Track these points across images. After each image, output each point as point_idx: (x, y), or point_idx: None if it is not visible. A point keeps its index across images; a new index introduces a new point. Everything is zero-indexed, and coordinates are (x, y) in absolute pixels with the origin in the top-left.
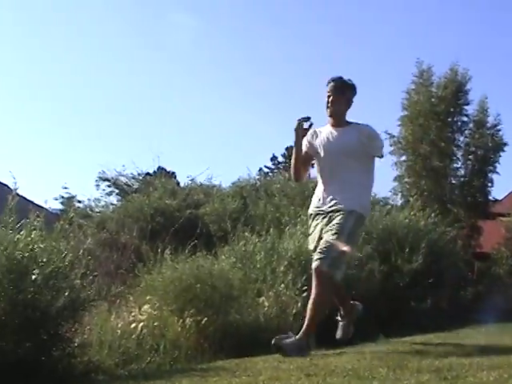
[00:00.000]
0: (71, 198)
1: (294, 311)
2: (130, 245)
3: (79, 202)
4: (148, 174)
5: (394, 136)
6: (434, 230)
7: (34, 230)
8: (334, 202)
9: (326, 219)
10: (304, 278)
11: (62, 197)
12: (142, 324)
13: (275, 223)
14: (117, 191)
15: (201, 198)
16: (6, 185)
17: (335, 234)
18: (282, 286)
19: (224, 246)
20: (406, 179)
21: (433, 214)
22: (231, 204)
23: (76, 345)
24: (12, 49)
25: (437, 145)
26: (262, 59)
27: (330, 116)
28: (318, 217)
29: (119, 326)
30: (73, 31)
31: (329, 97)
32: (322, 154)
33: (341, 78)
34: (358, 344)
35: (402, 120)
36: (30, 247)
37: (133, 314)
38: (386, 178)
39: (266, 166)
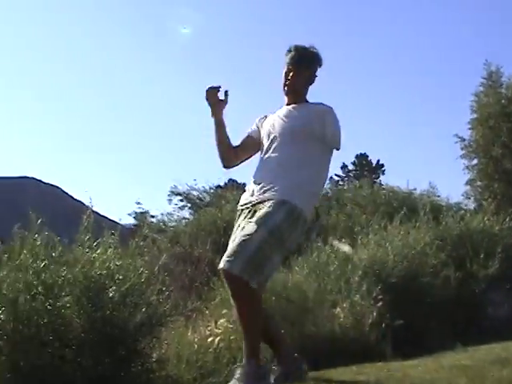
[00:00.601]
0: (144, 213)
1: (369, 321)
2: (203, 258)
3: (152, 216)
4: (219, 186)
5: (464, 139)
6: (510, 235)
7: (110, 247)
8: (264, 189)
9: (250, 213)
10: (379, 287)
11: (136, 212)
12: (218, 338)
13: (347, 232)
14: (189, 205)
15: None
16: (80, 201)
17: (253, 227)
18: (357, 296)
19: (297, 257)
20: (478, 183)
21: (507, 218)
22: None
23: (154, 360)
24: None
25: (508, 147)
26: None
27: (287, 94)
28: (244, 211)
29: (196, 340)
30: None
31: (288, 70)
32: (265, 137)
33: (304, 47)
34: (435, 353)
35: (472, 123)
36: (107, 265)
37: (209, 328)
38: (457, 182)
39: (336, 175)
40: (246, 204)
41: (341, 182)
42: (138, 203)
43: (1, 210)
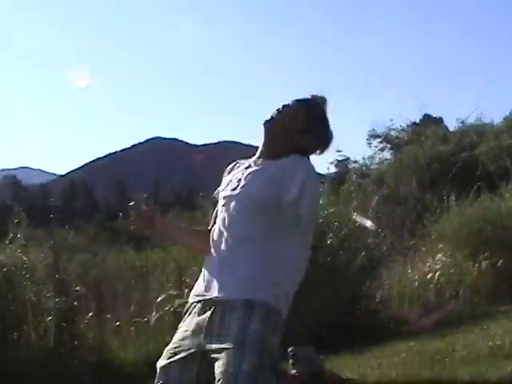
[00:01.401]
0: (346, 160)
1: None
2: (410, 197)
3: (354, 162)
4: (414, 123)
5: None
6: None
7: (321, 196)
8: (221, 285)
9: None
10: None
11: (338, 160)
12: (438, 273)
13: None
14: (389, 146)
15: (474, 139)
16: None
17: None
18: None
19: (506, 184)
20: None
21: None
22: (507, 139)
23: (378, 301)
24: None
25: None
26: None
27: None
28: (198, 310)
29: (416, 277)
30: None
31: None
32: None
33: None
34: None
35: None
36: (322, 213)
37: (428, 264)
38: None
39: None
40: (198, 298)
41: None
42: (339, 151)
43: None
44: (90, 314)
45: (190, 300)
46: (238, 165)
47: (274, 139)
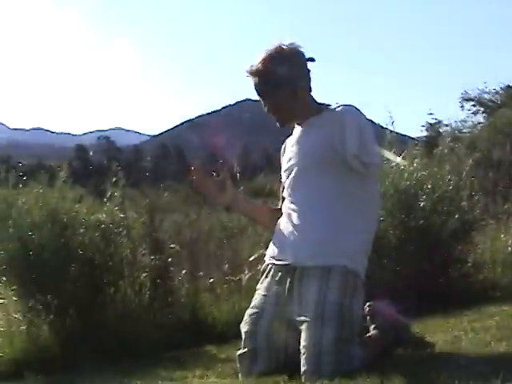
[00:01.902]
0: (437, 124)
1: None
2: (504, 161)
3: (446, 125)
4: (509, 86)
5: None
6: None
7: (415, 158)
8: (294, 248)
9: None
10: None
11: (429, 123)
12: None
13: None
14: (482, 109)
15: None
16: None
17: (315, 328)
18: None
19: None
20: None
21: None
22: None
23: (470, 265)
24: None
25: None
26: None
27: (283, 127)
28: (275, 274)
29: (509, 242)
30: None
31: (268, 105)
32: (283, 174)
33: (264, 61)
34: None
35: None
36: (415, 176)
37: None
38: None
39: None
40: (276, 261)
41: None
42: (431, 114)
43: None
44: (184, 272)
45: (266, 261)
46: (288, 143)
47: (294, 115)
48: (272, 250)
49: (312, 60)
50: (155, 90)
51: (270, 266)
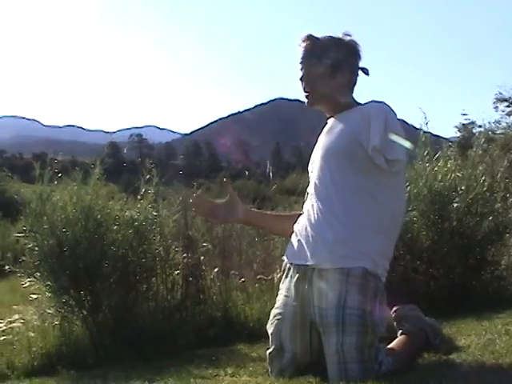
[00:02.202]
0: (470, 124)
1: None
2: None
3: (479, 126)
4: None
5: None
6: None
7: (450, 159)
8: (312, 248)
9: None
10: None
11: (463, 124)
12: None
13: None
14: None
15: None
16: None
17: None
18: None
19: None
20: None
21: None
22: None
23: (503, 267)
24: None
25: None
26: None
27: (313, 105)
28: (294, 275)
29: None
30: None
31: (304, 73)
32: (309, 168)
33: (324, 36)
34: None
35: None
36: (449, 177)
37: None
38: None
39: None
40: (293, 261)
41: None
42: (464, 114)
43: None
44: (216, 270)
45: (285, 260)
46: (319, 138)
47: (325, 100)
48: (290, 249)
49: (366, 72)
50: (188, 88)
51: (288, 266)
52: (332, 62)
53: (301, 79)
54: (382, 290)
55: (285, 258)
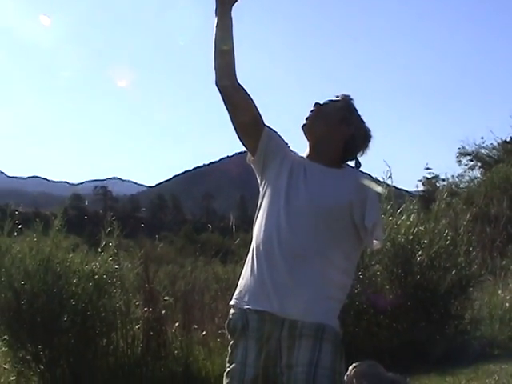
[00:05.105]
0: (434, 178)
1: None
2: (501, 216)
3: (443, 180)
4: (505, 141)
5: None
6: None
7: (412, 213)
8: (286, 298)
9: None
10: None
11: (426, 178)
12: None
13: None
14: (479, 164)
15: None
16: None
17: None
18: None
19: None
20: None
21: None
22: None
23: (467, 321)
24: None
25: None
26: None
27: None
28: (254, 325)
29: (507, 298)
30: None
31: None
32: (276, 192)
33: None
34: None
35: None
36: (411, 231)
37: None
38: None
39: None
40: (261, 309)
41: None
42: (428, 168)
43: None
44: (177, 324)
45: (242, 304)
46: (293, 156)
47: (320, 135)
48: (249, 293)
49: (358, 164)
50: (153, 141)
51: (248, 310)
52: (345, 121)
53: (314, 105)
54: (343, 349)
55: (237, 301)
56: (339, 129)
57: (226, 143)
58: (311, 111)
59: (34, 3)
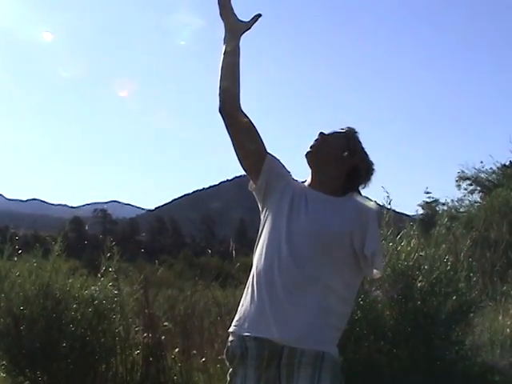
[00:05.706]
0: (434, 202)
1: None
2: (501, 241)
3: (443, 204)
4: (505, 165)
5: None
6: None
7: (412, 239)
8: (287, 326)
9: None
10: None
11: (426, 202)
12: None
13: None
14: (479, 188)
15: None
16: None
17: None
18: None
19: None
20: None
21: None
22: None
23: (468, 347)
24: None
25: None
26: None
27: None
28: (253, 352)
29: (508, 324)
30: None
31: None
32: (277, 220)
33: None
34: None
35: None
36: (412, 256)
37: None
38: None
39: None
40: (259, 336)
41: None
42: (428, 192)
43: None
44: (177, 350)
45: (241, 331)
46: (295, 184)
47: (323, 164)
48: (248, 320)
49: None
50: (152, 164)
51: (247, 337)
52: (350, 147)
53: (319, 134)
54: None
55: (236, 329)
56: (343, 159)
57: (225, 167)
58: (315, 140)
59: (33, 14)
